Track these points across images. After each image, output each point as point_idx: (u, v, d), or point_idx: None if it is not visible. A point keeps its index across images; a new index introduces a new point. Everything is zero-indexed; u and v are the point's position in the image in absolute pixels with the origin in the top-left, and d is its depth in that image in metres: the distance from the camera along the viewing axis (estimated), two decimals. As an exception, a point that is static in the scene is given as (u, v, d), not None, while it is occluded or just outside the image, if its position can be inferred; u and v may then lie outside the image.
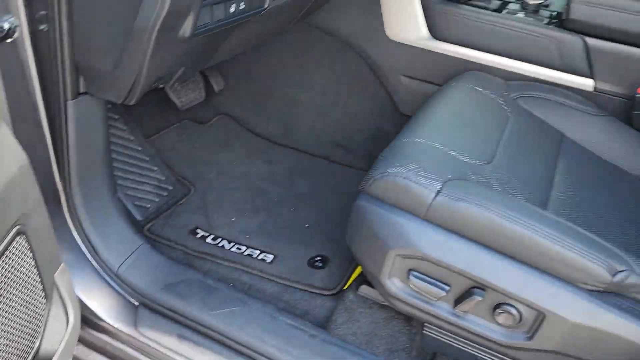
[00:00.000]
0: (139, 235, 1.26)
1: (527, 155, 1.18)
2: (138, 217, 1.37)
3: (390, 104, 1.65)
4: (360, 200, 1.02)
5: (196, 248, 1.33)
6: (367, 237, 1.02)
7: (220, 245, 1.34)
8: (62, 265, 0.87)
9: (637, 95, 1.32)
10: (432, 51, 1.49)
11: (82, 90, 1.03)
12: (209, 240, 1.36)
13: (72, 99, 1.01)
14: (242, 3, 0.99)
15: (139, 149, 1.47)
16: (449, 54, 1.48)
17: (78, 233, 1.18)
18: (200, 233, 1.37)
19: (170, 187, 1.48)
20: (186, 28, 0.89)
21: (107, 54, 0.94)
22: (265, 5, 1.06)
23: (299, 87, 1.74)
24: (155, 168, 1.48)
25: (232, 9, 0.97)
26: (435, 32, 1.48)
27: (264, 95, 1.79)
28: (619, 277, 0.87)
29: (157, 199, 1.43)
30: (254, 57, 1.75)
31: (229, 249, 1.33)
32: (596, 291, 0.89)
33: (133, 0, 0.84)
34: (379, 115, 1.67)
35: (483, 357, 1.09)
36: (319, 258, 1.32)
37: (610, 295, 0.89)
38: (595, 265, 0.87)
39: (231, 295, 1.18)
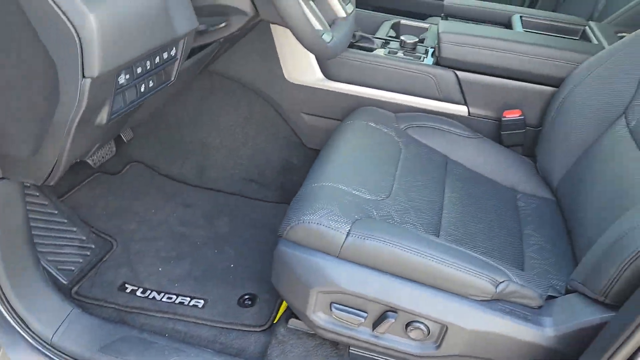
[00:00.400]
0: (68, 301, 1.29)
1: (419, 182, 1.35)
2: (64, 281, 1.39)
3: (295, 139, 1.77)
4: (280, 246, 1.14)
5: (127, 304, 1.38)
6: (290, 279, 1.14)
7: (150, 297, 1.40)
8: None
9: (504, 119, 1.55)
10: (328, 90, 1.64)
11: (-1, 175, 1.06)
12: (138, 293, 1.41)
13: (-10, 186, 1.04)
14: (151, 81, 1.06)
15: (55, 212, 1.49)
16: (343, 92, 1.63)
17: (6, 310, 1.19)
18: (129, 288, 1.42)
19: (92, 246, 1.51)
20: (102, 116, 0.96)
21: (24, 143, 0.98)
22: (173, 78, 1.14)
23: (207, 130, 1.82)
24: (75, 229, 1.50)
25: (143, 89, 1.04)
26: (328, 74, 1.63)
27: (174, 140, 1.85)
28: (500, 287, 1.05)
29: (80, 260, 1.46)
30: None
31: (160, 300, 1.39)
32: (485, 301, 1.07)
33: (50, 97, 0.89)
34: (286, 149, 1.80)
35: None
36: (247, 296, 1.42)
37: (496, 302, 1.07)
38: (481, 280, 1.05)
39: (169, 346, 1.25)
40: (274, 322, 1.35)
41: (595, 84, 1.39)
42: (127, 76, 0.96)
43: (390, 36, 1.80)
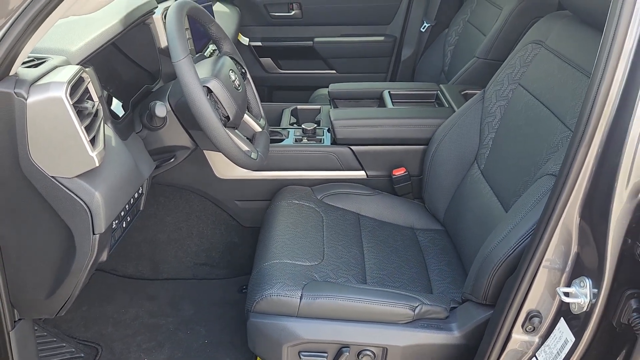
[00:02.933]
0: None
1: (343, 242, 1.74)
2: (66, 391, 1.62)
3: (233, 222, 2.11)
4: (251, 318, 1.47)
5: (127, 396, 1.63)
6: (264, 341, 1.47)
7: (145, 385, 1.66)
8: None
9: (393, 176, 2.00)
10: (254, 179, 2.00)
11: (16, 318, 1.30)
12: (134, 385, 1.66)
13: (11, 329, 1.28)
14: (129, 217, 1.37)
15: (45, 334, 1.71)
16: (267, 178, 2.00)
17: None
18: (125, 382, 1.67)
19: (82, 354, 1.74)
20: (104, 255, 1.26)
21: (42, 289, 1.25)
22: (142, 208, 1.45)
23: (154, 230, 2.11)
24: (64, 344, 1.73)
25: (124, 225, 1.35)
26: (252, 167, 1.99)
27: (127, 243, 2.12)
28: (417, 310, 1.46)
29: (75, 370, 1.69)
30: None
31: (155, 385, 1.66)
32: (409, 322, 1.47)
33: (67, 253, 1.18)
34: (226, 232, 2.13)
35: (360, 386, 1.62)
36: None
37: (417, 321, 1.47)
38: (402, 309, 1.44)
39: (174, 421, 1.52)
40: (254, 376, 1.66)
41: (452, 141, 1.87)
42: (116, 221, 1.27)
43: (292, 123, 2.21)
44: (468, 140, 1.85)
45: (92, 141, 1.10)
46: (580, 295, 1.11)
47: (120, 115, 1.39)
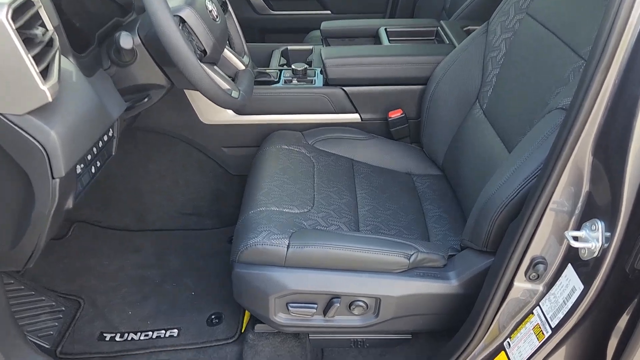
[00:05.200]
0: (57, 363, 1.46)
1: (335, 188, 1.64)
2: (47, 345, 1.55)
3: (220, 170, 2.00)
4: (236, 268, 1.38)
5: (110, 350, 1.56)
6: (250, 292, 1.39)
7: (129, 339, 1.59)
8: None
9: (389, 118, 1.87)
10: (241, 124, 1.88)
11: (-20, 269, 1.21)
12: (117, 339, 1.59)
13: (-26, 280, 1.19)
14: (98, 161, 1.26)
15: (22, 287, 1.63)
16: (255, 122, 1.88)
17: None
18: (108, 336, 1.60)
19: (63, 308, 1.66)
20: (69, 203, 1.15)
21: (3, 240, 1.15)
22: (113, 153, 1.34)
23: (138, 179, 2.00)
24: (43, 297, 1.65)
25: (93, 170, 1.24)
26: (238, 111, 1.86)
27: (109, 194, 2.02)
28: (412, 258, 1.36)
29: (56, 323, 1.61)
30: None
31: (139, 339, 1.59)
32: (404, 271, 1.38)
33: (25, 200, 1.07)
34: (214, 180, 2.02)
35: (354, 338, 1.54)
36: (214, 316, 1.65)
37: (413, 270, 1.38)
38: (396, 257, 1.35)
39: (158, 375, 1.46)
40: (242, 331, 1.59)
41: (452, 79, 1.74)
42: (82, 165, 1.16)
43: (282, 65, 2.06)
44: (469, 78, 1.71)
45: (44, 73, 0.97)
46: (591, 239, 1.00)
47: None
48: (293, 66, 1.90)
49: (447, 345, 1.36)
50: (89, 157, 1.19)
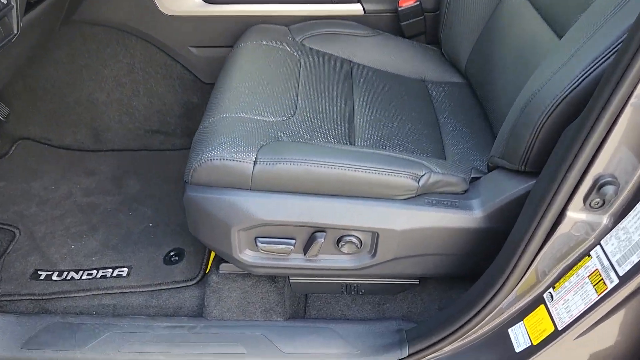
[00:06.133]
0: (-24, 305, 1.16)
1: (326, 93, 1.27)
2: (-32, 284, 1.25)
3: (189, 76, 1.63)
4: (188, 191, 1.04)
5: (44, 291, 1.25)
6: (207, 223, 1.05)
7: (69, 278, 1.28)
8: None
9: (400, 9, 1.47)
10: (211, 16, 1.49)
11: None
12: (54, 277, 1.29)
13: None
14: (-12, 38, 0.90)
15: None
16: (229, 14, 1.49)
17: None
18: (43, 274, 1.30)
19: (-9, 240, 1.36)
20: None
21: None
22: (16, 31, 0.97)
23: (90, 87, 1.64)
24: (-34, 226, 1.34)
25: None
26: (208, -3, 1.47)
27: (58, 106, 1.67)
28: (422, 180, 1.01)
29: (-19, 258, 1.31)
30: (30, 72, 1.60)
31: (80, 279, 1.28)
32: (410, 198, 1.03)
33: None
34: (182, 90, 1.65)
35: (345, 282, 1.22)
36: (173, 253, 1.33)
37: (422, 197, 1.03)
38: (401, 178, 1.00)
39: (98, 324, 1.16)
40: (206, 272, 1.27)
41: (483, -48, 1.32)
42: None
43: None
44: (506, -50, 1.29)
45: None
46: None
47: None
48: (278, -59, 1.49)
49: (464, 295, 1.03)
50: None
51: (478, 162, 1.14)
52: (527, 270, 0.91)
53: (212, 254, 1.30)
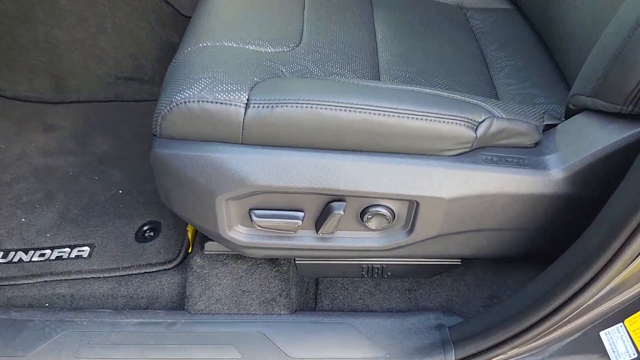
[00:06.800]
0: None
1: (339, 19, 0.97)
2: None
3: (167, 9, 1.32)
4: (156, 147, 0.76)
5: (-17, 277, 0.99)
6: (182, 191, 0.77)
7: (15, 260, 1.01)
8: None
9: None
10: None
11: None
12: (-2, 260, 1.02)
13: None
14: None
15: None
16: None
17: None
18: (-17, 255, 1.03)
19: None
20: None
21: None
22: None
23: (46, 25, 1.33)
24: None
25: None
26: None
27: (8, 50, 1.36)
28: (481, 129, 0.72)
29: None
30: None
31: (30, 261, 1.01)
32: (463, 153, 0.75)
33: None
34: (160, 26, 1.34)
35: (366, 263, 0.95)
36: (147, 227, 1.05)
37: (479, 152, 0.75)
38: (453, 126, 0.71)
39: (50, 320, 0.89)
40: (189, 252, 1.00)
41: None
42: None
43: None
44: None
45: None
46: None
47: None
48: None
49: (534, 284, 0.76)
50: None
51: (549, 105, 0.86)
52: (638, 256, 0.64)
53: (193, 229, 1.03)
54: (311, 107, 0.70)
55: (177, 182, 0.76)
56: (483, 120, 0.72)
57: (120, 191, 1.14)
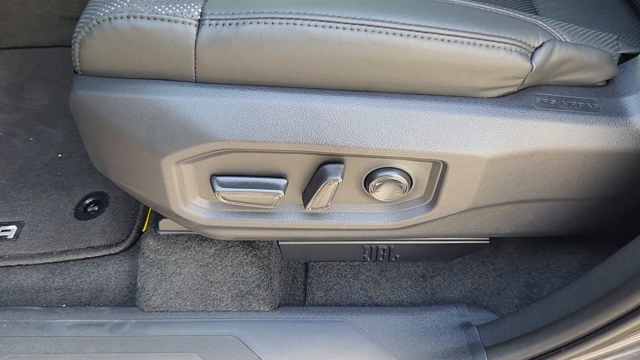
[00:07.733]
0: None
1: None
2: None
3: None
4: (75, 88, 0.53)
5: None
6: (116, 149, 0.55)
7: None
8: None
9: None
10: None
11: None
12: None
13: None
14: None
15: None
16: None
17: None
18: None
19: None
20: None
21: None
22: None
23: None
24: None
25: None
26: None
27: None
28: (539, 56, 0.50)
29: None
30: None
31: (-60, 244, 0.79)
32: (510, 94, 0.53)
33: None
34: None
35: (369, 244, 0.74)
36: (90, 200, 0.83)
37: (529, 93, 0.54)
38: (499, 52, 0.49)
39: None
40: (142, 231, 0.78)
41: None
42: None
43: None
44: None
45: None
46: None
47: None
48: None
49: (595, 271, 0.55)
50: None
51: (611, 30, 0.63)
52: None
53: (152, 202, 0.81)
54: (294, 24, 0.47)
55: (107, 137, 0.54)
56: (541, 45, 0.50)
57: (60, 155, 0.91)
